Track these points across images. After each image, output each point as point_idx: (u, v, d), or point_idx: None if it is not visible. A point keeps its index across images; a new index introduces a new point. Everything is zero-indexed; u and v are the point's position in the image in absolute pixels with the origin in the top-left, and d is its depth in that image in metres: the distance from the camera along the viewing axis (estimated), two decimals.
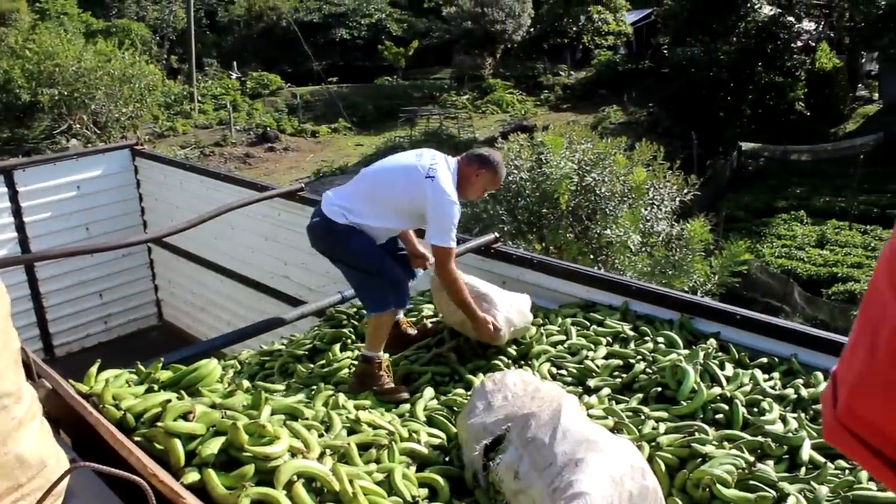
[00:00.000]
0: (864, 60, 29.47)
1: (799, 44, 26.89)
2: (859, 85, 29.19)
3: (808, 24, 27.92)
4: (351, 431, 3.03)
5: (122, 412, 2.75)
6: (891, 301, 0.66)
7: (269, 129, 27.92)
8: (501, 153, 9.71)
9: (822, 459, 2.99)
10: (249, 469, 2.38)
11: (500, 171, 4.04)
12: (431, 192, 3.76)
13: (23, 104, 21.84)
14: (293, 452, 2.56)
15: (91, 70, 21.01)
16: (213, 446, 2.46)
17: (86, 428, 2.48)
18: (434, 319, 4.55)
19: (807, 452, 3.04)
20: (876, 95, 28.44)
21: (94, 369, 3.21)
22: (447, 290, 3.95)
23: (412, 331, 4.40)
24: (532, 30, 34.78)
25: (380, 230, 3.94)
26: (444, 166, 3.87)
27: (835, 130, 25.70)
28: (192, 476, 2.35)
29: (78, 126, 21.65)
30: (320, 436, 2.86)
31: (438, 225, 3.76)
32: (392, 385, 3.83)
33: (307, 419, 2.94)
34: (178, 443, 2.48)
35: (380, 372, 3.83)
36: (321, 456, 2.62)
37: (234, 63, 35.21)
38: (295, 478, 2.42)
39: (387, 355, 3.96)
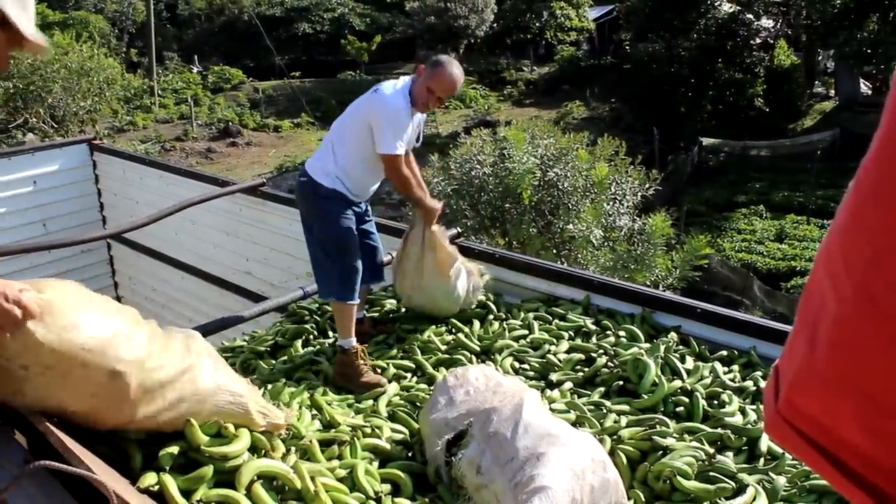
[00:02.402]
0: (820, 58, 29.94)
1: (758, 41, 27.29)
2: (816, 82, 29.66)
3: (766, 22, 28.32)
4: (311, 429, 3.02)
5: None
6: (830, 294, 0.66)
7: (230, 123, 27.64)
8: (464, 148, 9.76)
9: (780, 451, 3.04)
10: (208, 470, 2.35)
11: (443, 71, 3.94)
12: (374, 103, 3.94)
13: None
14: (261, 450, 2.53)
15: (47, 63, 20.58)
16: (172, 449, 2.41)
17: (37, 436, 2.42)
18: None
19: (765, 444, 3.09)
20: (832, 92, 28.91)
21: None
22: (401, 192, 4.10)
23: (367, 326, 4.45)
24: (495, 25, 34.85)
25: (357, 170, 4.02)
26: (391, 82, 4.04)
27: (793, 126, 26.10)
28: (150, 479, 2.30)
29: (34, 120, 21.21)
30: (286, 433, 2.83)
31: (382, 133, 3.87)
32: (369, 376, 3.86)
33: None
34: (134, 446, 2.42)
35: (357, 361, 3.86)
36: (284, 454, 2.60)
37: (196, 57, 34.78)
38: (255, 477, 2.39)
39: (362, 346, 4.01)
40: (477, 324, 4.38)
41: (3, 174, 7.68)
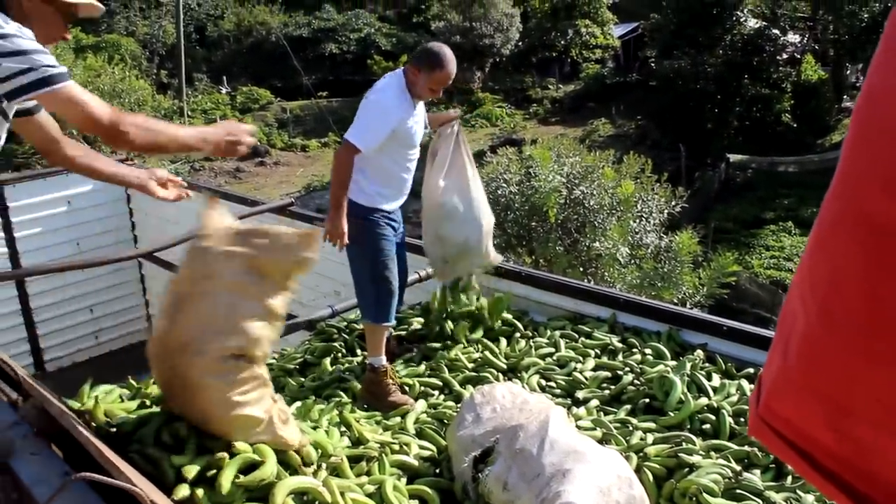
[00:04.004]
0: (848, 72, 29.71)
1: (784, 56, 27.15)
2: (844, 96, 29.40)
3: (793, 37, 28.19)
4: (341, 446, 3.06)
5: (115, 429, 2.76)
6: (800, 312, 0.74)
7: (259, 143, 27.92)
8: (490, 167, 9.80)
9: None
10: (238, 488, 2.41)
11: (437, 66, 3.93)
12: (365, 100, 4.00)
13: None
14: (292, 468, 2.58)
15: (81, 85, 20.98)
16: (201, 461, 2.47)
17: (78, 445, 2.49)
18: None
19: None
20: None
21: (86, 386, 3.22)
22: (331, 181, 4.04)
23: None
24: (520, 44, 34.94)
25: (386, 172, 4.06)
26: (386, 78, 4.09)
27: (821, 141, 25.90)
28: (183, 491, 2.37)
29: None
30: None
31: (355, 121, 3.92)
32: (397, 396, 3.89)
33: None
34: (172, 458, 2.49)
35: (385, 380, 3.90)
36: (315, 470, 2.65)
37: (224, 78, 35.22)
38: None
39: (391, 365, 4.06)
40: (504, 342, 4.41)
41: (38, 194, 7.84)
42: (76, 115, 2.47)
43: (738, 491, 2.79)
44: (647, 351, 4.06)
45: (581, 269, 8.67)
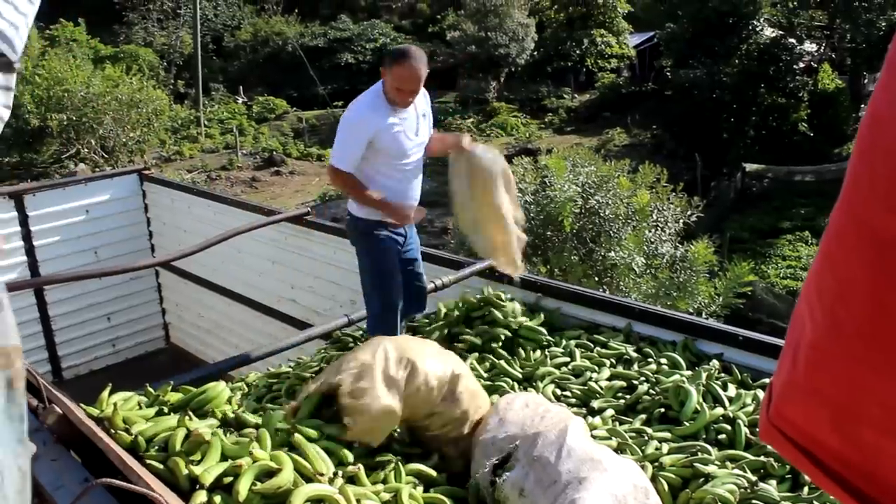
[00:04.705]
0: (866, 81, 29.56)
1: (801, 65, 27.02)
2: (862, 105, 29.23)
3: (809, 46, 28.07)
4: (359, 453, 3.07)
5: (133, 436, 2.79)
6: (808, 320, 0.77)
7: (275, 153, 28.07)
8: None
9: None
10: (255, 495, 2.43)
11: (395, 62, 3.88)
12: None
13: (32, 129, 22.04)
14: (306, 476, 2.60)
15: (99, 95, 21.20)
16: (218, 469, 2.50)
17: (97, 451, 2.52)
18: None
19: None
20: None
21: (105, 393, 3.26)
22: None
23: None
24: (536, 53, 34.99)
25: (383, 185, 4.03)
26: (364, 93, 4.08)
27: (838, 151, 25.76)
28: (201, 497, 2.39)
29: (86, 150, 21.82)
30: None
31: (334, 144, 3.96)
32: None
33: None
34: (188, 466, 2.52)
35: None
36: (331, 478, 2.66)
37: (241, 88, 35.46)
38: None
39: None
40: (520, 351, 4.41)
41: (57, 204, 7.92)
42: None
43: (754, 501, 2.78)
44: (663, 361, 4.06)
45: (596, 278, 8.67)
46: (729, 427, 3.37)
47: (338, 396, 2.94)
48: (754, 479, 2.90)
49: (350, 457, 2.87)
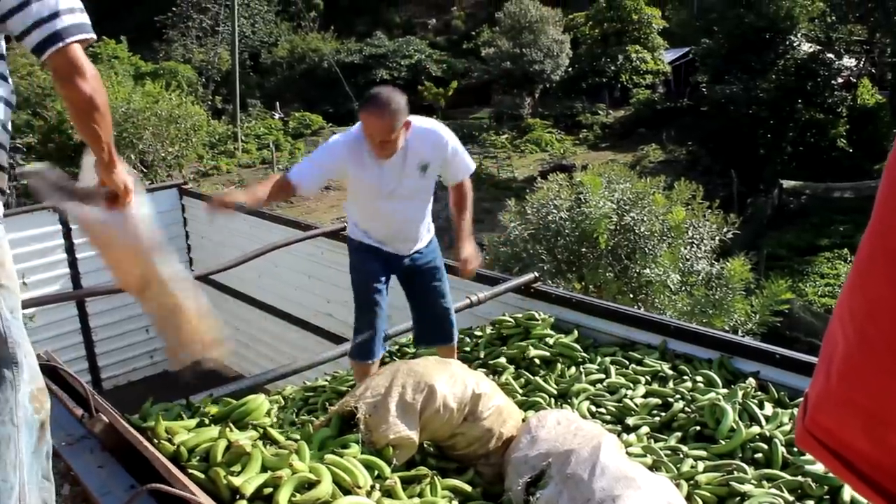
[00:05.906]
0: None
1: (840, 80, 26.77)
2: None
3: (848, 61, 27.81)
4: (395, 467, 3.11)
5: (176, 446, 2.85)
6: (840, 336, 0.84)
7: None
8: (541, 193, 9.83)
9: (864, 500, 2.98)
10: None
11: (361, 110, 3.60)
12: None
13: (74, 144, 22.47)
14: (344, 488, 2.64)
15: (139, 111, 21.57)
16: (258, 480, 2.55)
17: (142, 461, 2.58)
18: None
19: (848, 493, 3.03)
20: None
21: (147, 404, 3.34)
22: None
23: None
24: (570, 69, 35.04)
25: (359, 215, 3.96)
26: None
27: (878, 167, 25.39)
28: None
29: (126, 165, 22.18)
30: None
31: None
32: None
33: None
34: (228, 476, 2.57)
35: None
36: (368, 491, 2.70)
37: (277, 103, 35.92)
38: None
39: None
40: (556, 367, 4.42)
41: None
42: None
43: None
44: (698, 378, 4.04)
45: (631, 295, 8.64)
46: (765, 446, 3.34)
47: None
48: (791, 498, 2.88)
49: (387, 470, 2.90)
